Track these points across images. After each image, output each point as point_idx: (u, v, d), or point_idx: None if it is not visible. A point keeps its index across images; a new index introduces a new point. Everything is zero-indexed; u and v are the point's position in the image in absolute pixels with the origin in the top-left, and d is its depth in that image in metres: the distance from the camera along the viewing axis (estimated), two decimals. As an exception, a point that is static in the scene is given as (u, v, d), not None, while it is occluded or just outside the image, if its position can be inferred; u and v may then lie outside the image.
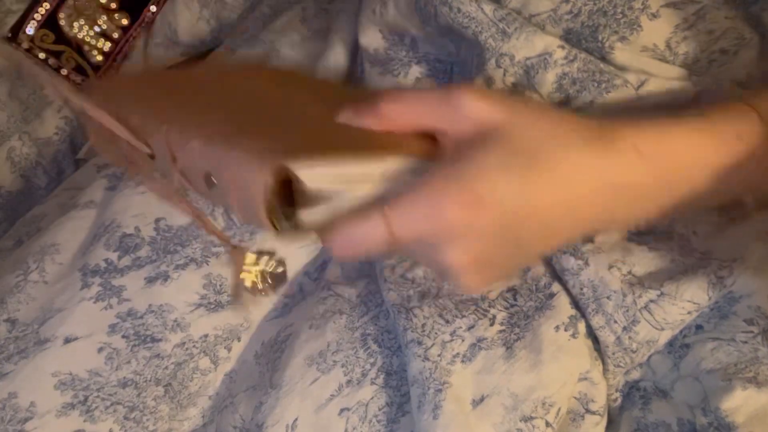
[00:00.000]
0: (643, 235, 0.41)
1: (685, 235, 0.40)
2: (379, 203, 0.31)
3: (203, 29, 0.71)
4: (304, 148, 0.31)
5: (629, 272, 0.40)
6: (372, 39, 0.49)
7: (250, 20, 0.67)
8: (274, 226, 0.31)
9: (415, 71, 0.48)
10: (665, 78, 0.41)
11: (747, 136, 0.34)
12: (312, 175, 0.30)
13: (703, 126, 0.34)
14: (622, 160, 0.32)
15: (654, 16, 0.40)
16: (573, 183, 0.32)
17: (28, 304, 0.45)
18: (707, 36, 0.41)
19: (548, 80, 0.41)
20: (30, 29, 0.68)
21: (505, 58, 0.41)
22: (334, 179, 0.31)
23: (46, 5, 0.69)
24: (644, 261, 0.40)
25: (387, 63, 0.49)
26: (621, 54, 0.41)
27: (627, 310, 0.39)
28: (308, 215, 0.31)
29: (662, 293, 0.38)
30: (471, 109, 0.32)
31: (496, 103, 0.32)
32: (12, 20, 0.68)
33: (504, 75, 0.42)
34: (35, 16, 0.68)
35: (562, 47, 0.41)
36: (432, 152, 0.34)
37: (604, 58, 0.41)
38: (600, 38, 0.41)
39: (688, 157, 0.34)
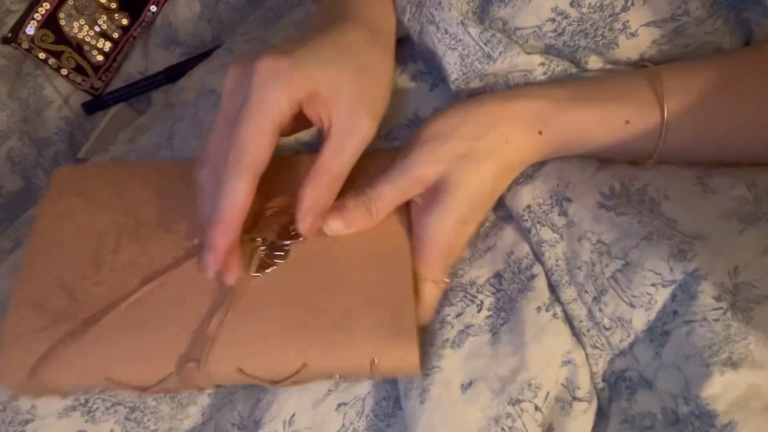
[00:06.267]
0: (614, 198, 0.41)
1: (655, 199, 0.40)
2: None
3: (204, 29, 0.71)
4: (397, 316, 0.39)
5: (599, 240, 0.40)
6: None
7: (251, 21, 0.67)
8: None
9: (411, 68, 0.48)
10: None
11: (637, 120, 0.41)
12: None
13: (595, 110, 0.42)
14: (530, 141, 0.42)
15: (632, 35, 0.42)
16: (504, 172, 0.42)
17: None
18: (682, 49, 0.43)
19: None
20: (30, 29, 0.68)
21: (489, 77, 0.44)
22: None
23: (46, 5, 0.69)
24: (612, 228, 0.40)
25: None
26: (594, 65, 0.45)
27: (596, 280, 0.39)
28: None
29: (627, 263, 0.39)
30: (425, 175, 0.40)
31: (439, 162, 0.40)
32: (12, 20, 0.69)
33: (485, 86, 0.45)
34: (35, 16, 0.69)
35: (542, 64, 0.44)
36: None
37: (577, 66, 0.45)
38: (578, 57, 0.44)
39: (576, 136, 0.42)
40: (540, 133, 0.41)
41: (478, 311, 0.41)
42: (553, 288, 0.41)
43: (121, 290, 0.41)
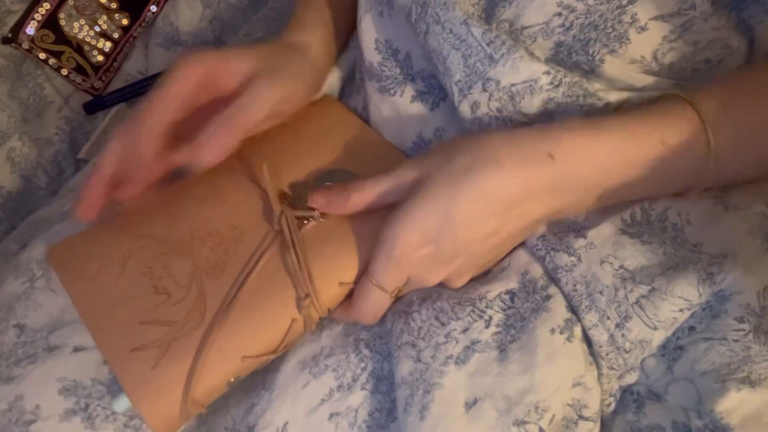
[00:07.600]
0: (637, 227, 0.41)
1: (678, 225, 0.39)
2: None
3: (206, 30, 0.72)
4: None
5: (621, 266, 0.39)
6: (368, 51, 0.49)
7: (253, 21, 0.67)
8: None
9: (410, 89, 0.48)
10: (647, 92, 0.42)
11: (672, 139, 0.38)
12: None
13: (624, 132, 0.39)
14: (536, 167, 0.38)
15: (642, 29, 0.41)
16: (493, 200, 0.38)
17: (36, 311, 0.46)
18: (692, 47, 0.42)
19: (534, 104, 0.42)
20: (30, 29, 0.69)
21: (491, 83, 0.42)
22: None
23: (47, 5, 0.69)
24: (636, 255, 0.39)
25: (383, 80, 0.49)
26: (610, 66, 0.42)
27: (619, 306, 0.38)
28: None
29: (653, 288, 0.38)
30: (405, 180, 0.41)
31: (417, 168, 0.41)
32: (12, 20, 0.69)
33: (489, 99, 0.43)
34: (35, 16, 0.69)
35: (548, 73, 0.41)
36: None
37: (593, 71, 0.43)
38: (590, 51, 0.42)
39: (603, 159, 0.38)
40: (551, 156, 0.38)
41: (486, 327, 0.40)
42: (572, 310, 0.40)
43: (205, 293, 0.42)
